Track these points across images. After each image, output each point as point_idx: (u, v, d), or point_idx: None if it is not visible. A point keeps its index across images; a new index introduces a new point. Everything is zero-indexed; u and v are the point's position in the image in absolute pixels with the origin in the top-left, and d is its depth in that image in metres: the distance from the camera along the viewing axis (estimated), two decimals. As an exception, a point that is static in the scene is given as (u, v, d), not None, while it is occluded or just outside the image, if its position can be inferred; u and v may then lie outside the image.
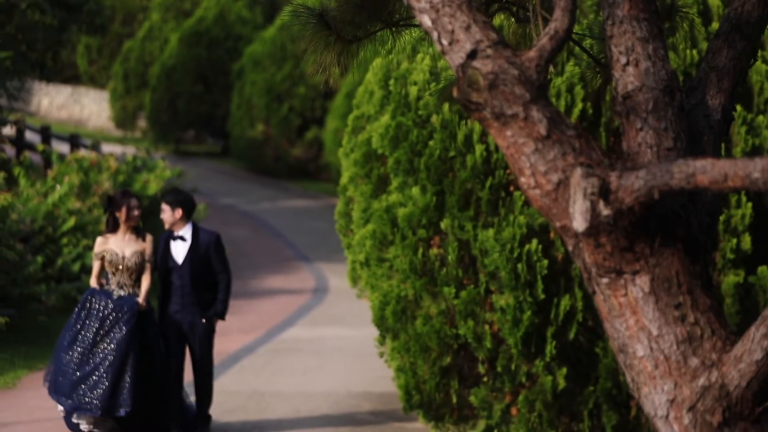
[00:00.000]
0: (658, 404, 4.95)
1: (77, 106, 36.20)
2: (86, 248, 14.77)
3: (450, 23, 4.97)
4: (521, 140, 4.90)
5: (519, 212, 9.27)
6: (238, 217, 23.82)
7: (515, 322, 9.09)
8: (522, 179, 4.95)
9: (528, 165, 4.91)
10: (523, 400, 9.20)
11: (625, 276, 4.94)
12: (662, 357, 4.92)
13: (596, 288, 5.02)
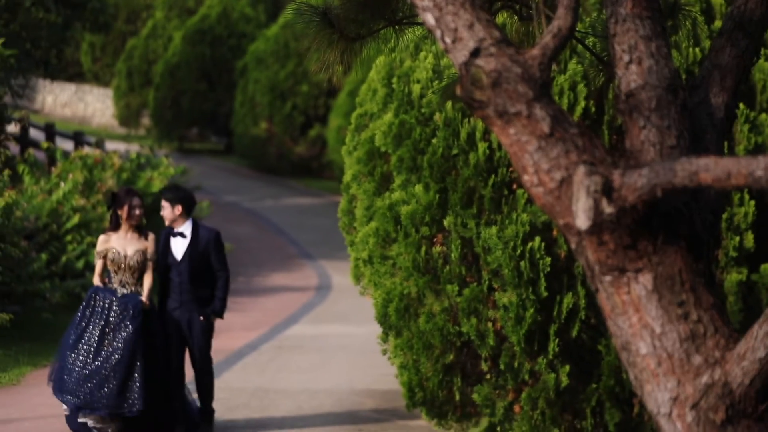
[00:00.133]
0: (661, 402, 4.95)
1: (81, 104, 36.18)
2: (90, 245, 14.77)
3: (453, 21, 4.98)
4: (524, 138, 4.91)
5: (522, 210, 9.28)
6: (242, 215, 23.81)
7: (518, 320, 9.10)
8: (525, 177, 4.95)
9: (531, 163, 4.91)
10: (526, 398, 9.21)
11: (628, 274, 4.94)
12: (665, 355, 4.92)
13: (599, 286, 5.02)
